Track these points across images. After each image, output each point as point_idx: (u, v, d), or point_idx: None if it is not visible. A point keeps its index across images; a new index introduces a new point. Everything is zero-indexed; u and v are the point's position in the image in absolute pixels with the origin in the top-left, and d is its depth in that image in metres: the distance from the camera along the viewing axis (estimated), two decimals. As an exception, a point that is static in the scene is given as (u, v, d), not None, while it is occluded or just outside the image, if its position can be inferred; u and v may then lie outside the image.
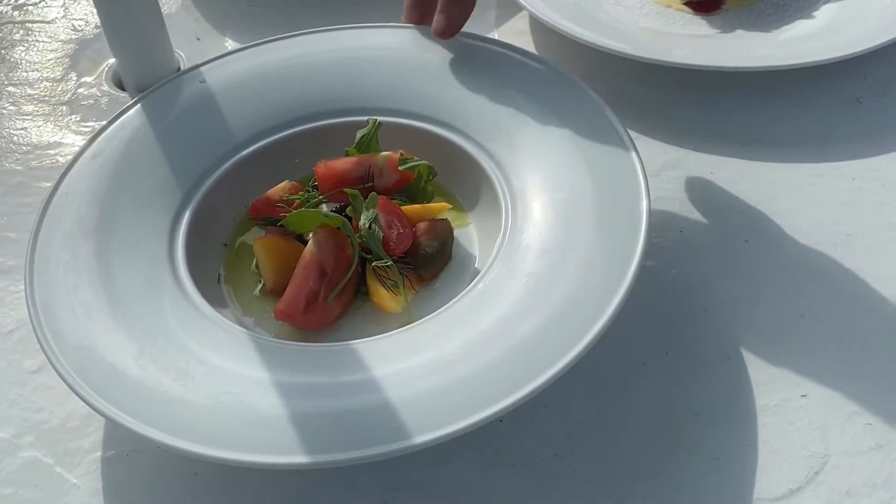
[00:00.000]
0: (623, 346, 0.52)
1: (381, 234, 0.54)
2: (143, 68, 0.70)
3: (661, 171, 0.63)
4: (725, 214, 0.60)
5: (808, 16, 0.73)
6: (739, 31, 0.72)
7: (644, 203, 0.52)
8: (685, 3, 0.76)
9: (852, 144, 0.64)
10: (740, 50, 0.69)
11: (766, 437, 0.48)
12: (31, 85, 0.75)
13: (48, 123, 0.72)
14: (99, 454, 0.50)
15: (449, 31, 0.63)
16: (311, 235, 0.54)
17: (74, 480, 0.49)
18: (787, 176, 0.62)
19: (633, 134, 0.58)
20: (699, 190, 0.62)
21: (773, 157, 0.64)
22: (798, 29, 0.72)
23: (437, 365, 0.47)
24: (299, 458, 0.43)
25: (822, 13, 0.73)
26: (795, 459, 0.48)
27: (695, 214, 0.60)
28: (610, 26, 0.73)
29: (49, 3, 0.84)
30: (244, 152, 0.60)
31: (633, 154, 0.55)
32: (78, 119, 0.72)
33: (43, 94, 0.74)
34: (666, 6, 0.76)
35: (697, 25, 0.74)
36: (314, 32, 0.66)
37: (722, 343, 0.53)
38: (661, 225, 0.59)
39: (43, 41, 0.80)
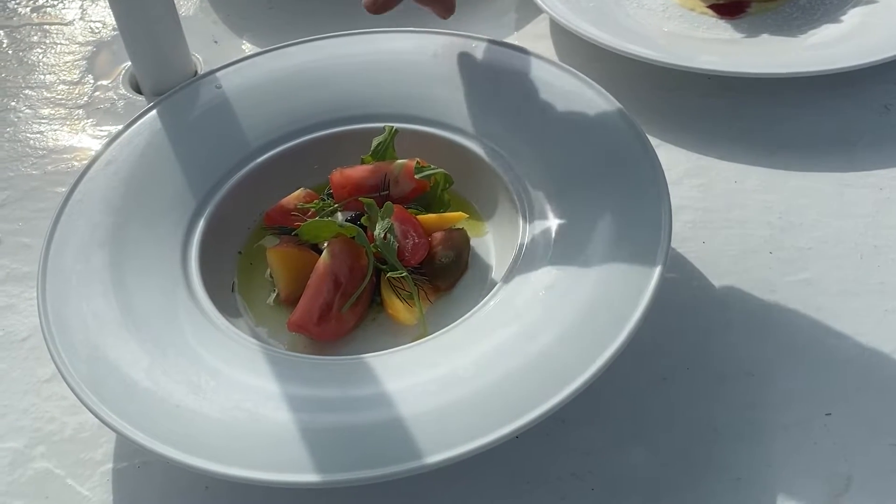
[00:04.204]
0: (642, 360, 0.51)
1: (396, 245, 0.53)
2: (160, 71, 0.70)
3: (683, 179, 0.62)
4: (749, 225, 0.59)
5: (835, 20, 0.71)
6: (765, 36, 0.71)
7: (665, 213, 0.51)
8: (709, 7, 0.74)
9: (880, 153, 0.62)
10: (765, 55, 0.68)
11: (788, 456, 0.47)
12: (47, 88, 0.75)
13: (64, 127, 0.71)
14: (110, 466, 0.50)
15: (374, 8, 0.59)
16: (325, 245, 0.54)
17: (86, 493, 0.49)
18: (813, 185, 0.61)
19: (655, 141, 0.57)
20: (722, 199, 0.60)
21: (799, 165, 0.62)
22: (825, 33, 0.70)
23: (452, 380, 0.46)
24: (310, 477, 0.42)
25: (850, 17, 0.71)
26: (818, 480, 0.46)
27: (717, 225, 0.59)
28: (632, 30, 0.71)
29: (67, 4, 0.84)
30: (259, 159, 0.60)
31: (655, 162, 0.54)
32: (94, 123, 0.72)
33: (59, 97, 0.74)
34: (689, 9, 0.75)
35: (722, 29, 0.72)
36: (330, 37, 0.66)
37: (744, 359, 0.52)
38: (683, 235, 0.58)
39: (60, 43, 0.80)
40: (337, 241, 0.53)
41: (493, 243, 0.57)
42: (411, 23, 0.66)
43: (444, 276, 0.54)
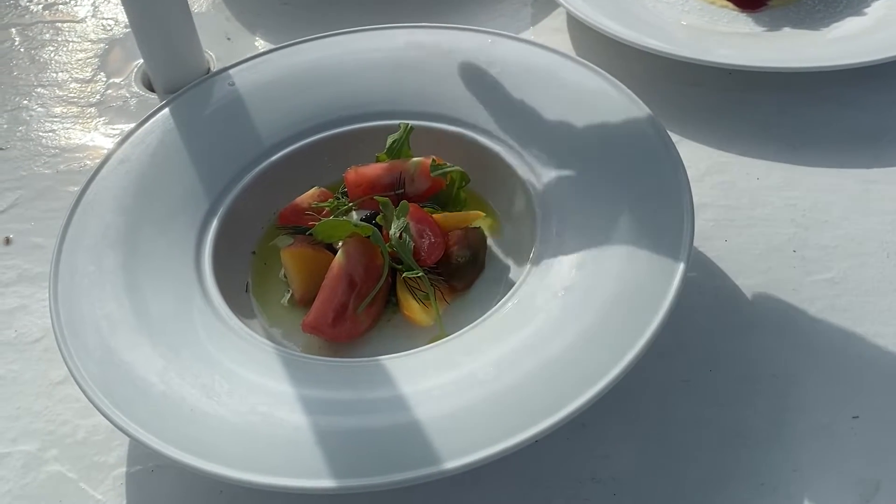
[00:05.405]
0: (664, 362, 0.50)
1: (412, 244, 0.52)
2: (173, 69, 0.69)
3: (704, 177, 0.61)
4: (772, 223, 0.57)
5: (858, 12, 0.70)
6: (786, 29, 0.69)
7: (687, 211, 0.50)
8: (729, 0, 0.73)
9: (906, 148, 0.61)
10: (787, 49, 0.67)
11: (814, 461, 0.46)
12: (59, 86, 0.75)
13: (77, 126, 0.71)
14: (124, 470, 0.49)
15: None
16: (340, 245, 0.53)
17: (99, 496, 0.48)
18: (837, 182, 0.60)
19: (675, 137, 0.55)
20: (745, 196, 0.59)
21: (823, 161, 0.61)
22: (848, 26, 0.69)
23: (470, 382, 0.45)
24: (326, 483, 0.41)
25: (874, 10, 0.70)
26: (846, 485, 0.45)
27: (740, 223, 0.58)
28: (650, 24, 0.70)
29: (79, 1, 0.83)
30: (272, 158, 0.59)
31: (676, 159, 0.53)
32: (106, 121, 0.71)
33: (72, 95, 0.74)
34: (709, 2, 0.73)
35: (742, 23, 0.71)
36: (344, 33, 0.65)
37: (768, 360, 0.50)
38: (705, 234, 0.57)
39: (73, 41, 0.79)
40: (352, 240, 0.52)
41: (510, 242, 0.56)
42: (427, 18, 0.65)
43: (461, 275, 0.53)
